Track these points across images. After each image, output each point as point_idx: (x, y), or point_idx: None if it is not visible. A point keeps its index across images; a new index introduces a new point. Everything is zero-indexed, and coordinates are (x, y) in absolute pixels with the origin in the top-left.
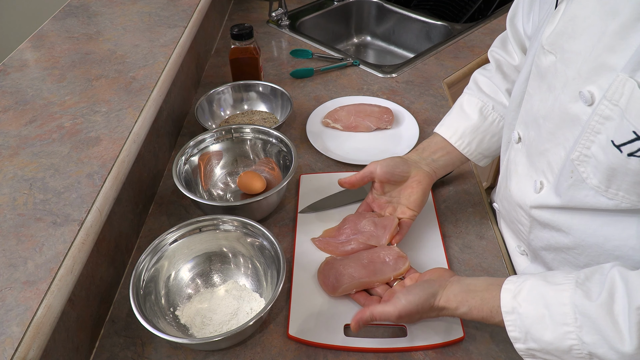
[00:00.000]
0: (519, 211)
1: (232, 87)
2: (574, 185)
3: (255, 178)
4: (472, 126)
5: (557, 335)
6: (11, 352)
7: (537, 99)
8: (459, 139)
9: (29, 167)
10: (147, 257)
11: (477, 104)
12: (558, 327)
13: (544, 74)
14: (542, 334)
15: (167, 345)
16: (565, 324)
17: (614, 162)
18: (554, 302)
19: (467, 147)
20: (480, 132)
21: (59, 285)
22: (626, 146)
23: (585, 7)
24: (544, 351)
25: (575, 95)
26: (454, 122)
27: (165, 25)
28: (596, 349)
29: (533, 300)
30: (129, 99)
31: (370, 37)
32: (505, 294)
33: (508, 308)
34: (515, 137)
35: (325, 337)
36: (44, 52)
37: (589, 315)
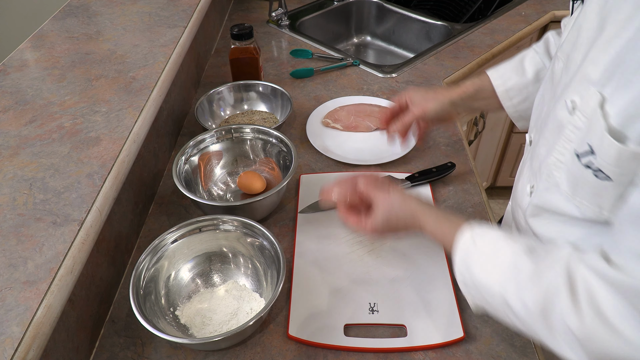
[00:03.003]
0: (519, 212)
1: (232, 87)
2: (549, 189)
3: (255, 178)
4: (522, 83)
5: (487, 276)
6: (11, 352)
7: (545, 104)
8: (505, 92)
9: (29, 167)
10: (147, 257)
11: (538, 64)
12: (492, 271)
13: (554, 79)
14: (478, 273)
15: (167, 345)
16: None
17: (576, 171)
18: (500, 249)
19: (509, 101)
20: (528, 91)
21: (59, 285)
22: (584, 158)
23: (587, 19)
24: (474, 286)
25: (564, 102)
26: (508, 72)
27: (165, 25)
28: (510, 298)
29: (486, 246)
30: (129, 99)
31: (370, 37)
32: (467, 231)
33: (463, 243)
34: (527, 141)
35: (325, 337)
36: (44, 52)
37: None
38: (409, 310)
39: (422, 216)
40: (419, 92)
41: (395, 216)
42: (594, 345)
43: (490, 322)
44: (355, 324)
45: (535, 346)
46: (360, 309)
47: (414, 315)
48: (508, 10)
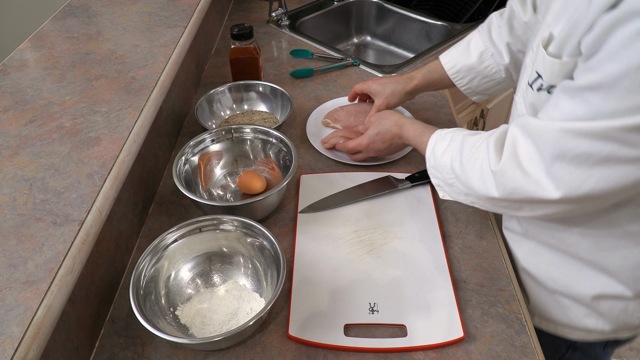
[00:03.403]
0: None
1: (232, 87)
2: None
3: (255, 178)
4: (469, 65)
5: (444, 156)
6: (11, 352)
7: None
8: (455, 73)
9: (29, 167)
10: (147, 257)
11: (480, 47)
12: (447, 150)
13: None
14: (438, 155)
15: (167, 345)
16: (452, 149)
17: (531, 97)
18: (457, 137)
19: (460, 80)
20: (475, 72)
21: (59, 285)
22: (534, 83)
23: None
24: (435, 168)
25: (530, 50)
26: (456, 57)
27: (165, 25)
28: (453, 164)
29: (447, 135)
30: (129, 99)
31: (370, 37)
32: (438, 130)
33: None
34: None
35: (325, 337)
36: (44, 52)
37: (463, 144)
38: (409, 310)
39: (403, 124)
40: (376, 84)
41: (383, 127)
42: (506, 180)
43: (490, 322)
44: (355, 324)
45: (535, 346)
46: (360, 309)
47: (414, 315)
48: None
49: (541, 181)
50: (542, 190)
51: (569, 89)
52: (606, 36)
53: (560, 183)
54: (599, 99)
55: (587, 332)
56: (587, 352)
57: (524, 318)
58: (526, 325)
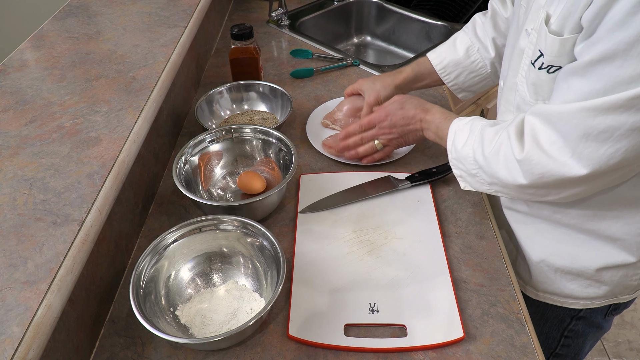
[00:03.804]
0: None
1: (232, 87)
2: (520, 103)
3: (255, 178)
4: (455, 60)
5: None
6: (11, 352)
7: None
8: (443, 68)
9: (29, 167)
10: (147, 257)
11: (467, 43)
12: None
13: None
14: (459, 146)
15: (167, 345)
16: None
17: (534, 77)
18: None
19: (448, 76)
20: (462, 67)
21: (59, 285)
22: (536, 62)
23: None
24: (457, 159)
25: (524, 33)
26: (443, 53)
27: (165, 25)
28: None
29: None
30: (129, 99)
31: (370, 37)
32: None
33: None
34: (500, 86)
35: (325, 337)
36: (44, 52)
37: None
38: (409, 310)
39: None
40: (367, 82)
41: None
42: (532, 167)
43: (490, 322)
44: (355, 324)
45: (535, 346)
46: (360, 309)
47: (414, 315)
48: None
49: (568, 162)
50: (570, 170)
51: (577, 69)
52: (608, 8)
53: (588, 161)
54: (615, 67)
55: (589, 300)
56: (589, 320)
57: (524, 318)
58: (526, 325)
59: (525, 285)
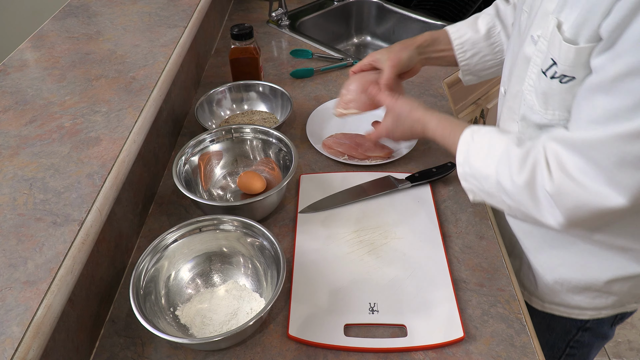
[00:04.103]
0: None
1: (232, 87)
2: (527, 112)
3: (255, 178)
4: (475, 38)
5: (483, 164)
6: (11, 352)
7: (510, 53)
8: (460, 45)
9: (29, 167)
10: (147, 257)
11: (489, 23)
12: (487, 158)
13: (521, 30)
14: (474, 162)
15: (167, 345)
16: (493, 157)
17: (544, 86)
18: (494, 142)
19: (463, 54)
20: (479, 46)
21: (59, 285)
22: (548, 71)
23: None
24: (472, 175)
25: (529, 40)
26: (463, 28)
27: (165, 25)
28: (501, 178)
29: (482, 139)
30: (129, 99)
31: (370, 37)
32: (468, 129)
33: (464, 138)
34: (502, 92)
35: (325, 337)
36: (44, 52)
37: (509, 155)
38: (409, 310)
39: (428, 120)
40: (381, 52)
41: (402, 121)
42: (565, 199)
43: (490, 322)
44: (355, 324)
45: (535, 346)
46: (360, 309)
47: (414, 315)
48: None
49: (603, 191)
50: (607, 200)
51: (601, 85)
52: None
53: (626, 189)
54: None
55: (597, 310)
56: (596, 331)
57: (523, 318)
58: (526, 325)
59: (530, 296)
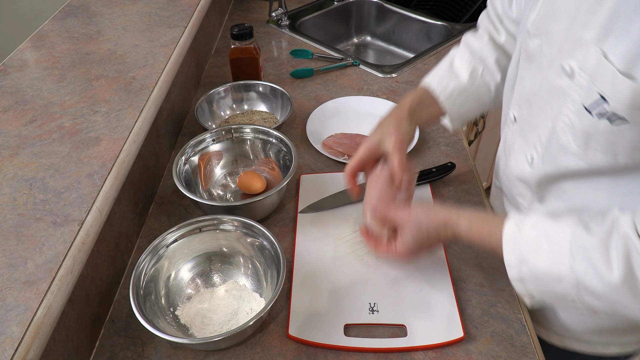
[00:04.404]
0: (518, 185)
1: (232, 87)
2: (558, 154)
3: (255, 178)
4: (460, 87)
5: (550, 263)
6: (11, 352)
7: (528, 80)
8: (447, 98)
9: (29, 167)
10: (147, 257)
11: (469, 67)
12: (553, 255)
13: (532, 56)
14: (536, 261)
15: (167, 345)
16: (561, 253)
17: (587, 125)
18: (553, 233)
19: (452, 106)
20: (466, 94)
21: (59, 285)
22: (595, 109)
23: None
24: (534, 277)
25: (559, 70)
26: (444, 79)
27: (165, 25)
28: (585, 277)
29: (534, 231)
30: (129, 99)
31: (370, 37)
32: (510, 224)
33: (509, 234)
34: (511, 118)
35: (325, 337)
36: (44, 52)
37: (584, 246)
38: (409, 310)
39: (456, 221)
40: (372, 138)
41: (425, 230)
42: None
43: (490, 322)
44: (355, 324)
45: (535, 346)
46: (360, 309)
47: (414, 315)
48: None
49: None
50: None
51: None
52: None
53: None
54: None
55: (623, 346)
56: None
57: (524, 318)
58: (526, 325)
59: (547, 332)
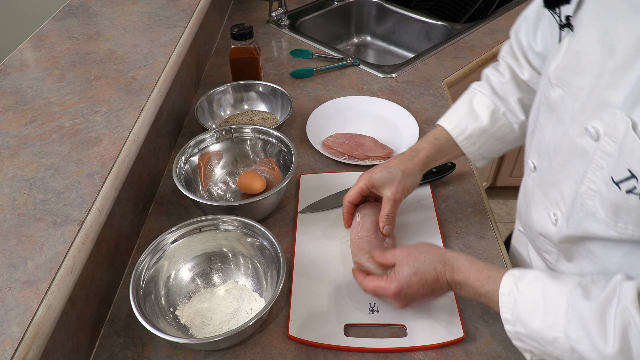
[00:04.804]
0: (542, 240)
1: (232, 87)
2: (585, 219)
3: (255, 178)
4: (481, 128)
5: (545, 325)
6: (11, 352)
7: (548, 130)
8: (465, 139)
9: (29, 167)
10: (147, 257)
11: (489, 107)
12: (548, 317)
13: (553, 106)
14: (531, 321)
15: (167, 345)
16: (556, 315)
17: (615, 198)
18: (551, 294)
19: (471, 147)
20: (487, 135)
21: (59, 285)
22: (623, 183)
23: (586, 45)
24: (530, 337)
25: (582, 130)
26: (463, 120)
27: (165, 25)
28: (579, 345)
29: (532, 289)
30: (129, 99)
31: (370, 37)
32: (508, 277)
33: (506, 290)
34: (530, 166)
35: (325, 337)
36: (44, 52)
37: (580, 312)
38: (409, 310)
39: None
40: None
41: (422, 264)
42: None
43: (490, 322)
44: (355, 324)
45: None
46: (360, 309)
47: (414, 315)
48: (508, 10)
49: None
50: None
51: None
52: None
53: None
54: None
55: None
56: None
57: None
58: None
59: None
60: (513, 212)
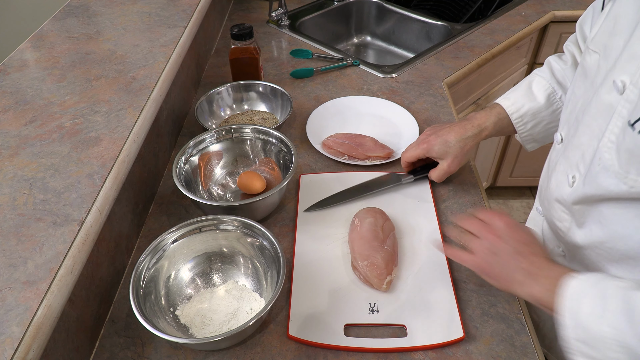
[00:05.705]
0: (557, 208)
1: (232, 87)
2: (600, 173)
3: (255, 178)
4: (535, 109)
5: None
6: (11, 352)
7: (580, 97)
8: (519, 118)
9: (29, 167)
10: (147, 257)
11: (547, 89)
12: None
13: (587, 72)
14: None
15: (167, 345)
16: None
17: (630, 142)
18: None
19: (524, 126)
20: (541, 116)
21: (59, 285)
22: (638, 123)
23: (625, 8)
24: (585, 341)
25: (610, 86)
26: (520, 99)
27: (165, 25)
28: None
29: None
30: (129, 99)
31: (370, 37)
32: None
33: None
34: (558, 139)
35: (325, 337)
36: (44, 52)
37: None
38: (409, 310)
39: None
40: (437, 143)
41: (505, 242)
42: None
43: (490, 322)
44: (355, 324)
45: (535, 346)
46: (360, 309)
47: (414, 315)
48: (508, 10)
49: None
50: None
51: None
52: None
53: None
54: None
55: None
56: None
57: (524, 318)
58: (526, 325)
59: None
60: (513, 212)
